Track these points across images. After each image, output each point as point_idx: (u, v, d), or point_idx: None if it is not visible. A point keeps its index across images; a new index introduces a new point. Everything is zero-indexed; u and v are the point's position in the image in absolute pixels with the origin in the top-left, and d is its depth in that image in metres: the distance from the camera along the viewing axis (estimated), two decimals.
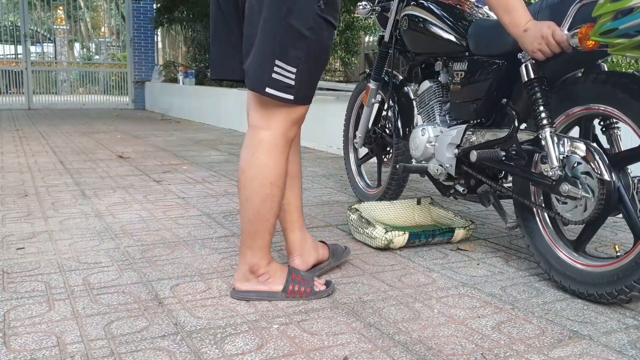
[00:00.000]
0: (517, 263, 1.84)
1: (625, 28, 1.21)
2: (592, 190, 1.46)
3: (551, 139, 1.53)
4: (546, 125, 1.54)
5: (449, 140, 1.94)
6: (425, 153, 2.06)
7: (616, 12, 1.22)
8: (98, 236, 2.05)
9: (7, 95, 10.47)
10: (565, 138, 1.54)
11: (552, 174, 1.52)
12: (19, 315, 1.35)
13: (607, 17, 1.24)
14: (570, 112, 1.57)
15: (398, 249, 1.97)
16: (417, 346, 1.24)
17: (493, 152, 1.72)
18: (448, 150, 1.94)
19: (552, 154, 1.52)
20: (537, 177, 1.60)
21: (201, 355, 1.17)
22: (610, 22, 1.24)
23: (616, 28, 1.23)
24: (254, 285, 1.48)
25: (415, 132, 2.12)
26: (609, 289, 1.42)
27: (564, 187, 1.51)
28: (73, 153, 4.33)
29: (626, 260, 1.41)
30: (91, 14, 18.67)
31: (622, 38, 1.23)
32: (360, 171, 2.78)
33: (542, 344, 1.26)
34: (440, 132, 2.03)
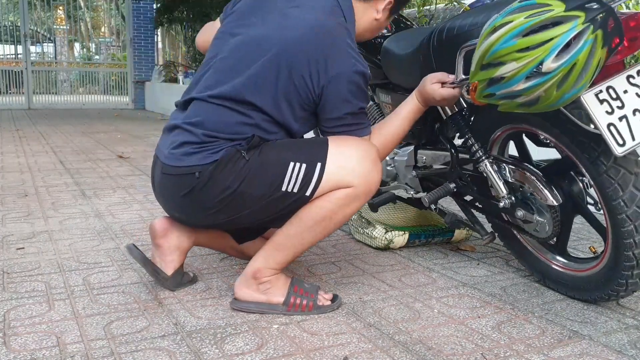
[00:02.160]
0: (517, 263, 1.84)
1: (502, 94, 1.21)
2: (544, 210, 1.46)
3: (492, 168, 1.52)
4: (482, 157, 1.54)
5: (405, 163, 1.92)
6: (390, 174, 2.05)
7: (488, 79, 1.22)
8: (98, 236, 2.05)
9: (7, 95, 10.47)
10: (504, 163, 1.53)
11: (504, 204, 1.51)
12: (19, 315, 1.35)
13: (483, 83, 1.24)
14: (499, 132, 1.57)
15: (398, 249, 1.97)
16: (417, 346, 1.24)
17: (443, 189, 1.69)
18: (407, 172, 1.92)
19: (498, 185, 1.51)
20: (494, 202, 1.58)
21: (201, 355, 1.17)
22: (486, 88, 1.24)
23: (494, 93, 1.23)
24: (253, 292, 1.41)
25: None
26: (599, 293, 1.43)
27: (518, 213, 1.52)
28: (73, 153, 4.33)
29: (602, 264, 1.41)
30: (91, 14, 18.67)
31: (504, 99, 1.23)
32: None
33: (542, 344, 1.26)
34: (394, 153, 2.00)
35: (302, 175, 1.33)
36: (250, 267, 1.42)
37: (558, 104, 1.19)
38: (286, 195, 1.34)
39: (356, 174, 1.34)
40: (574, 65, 1.11)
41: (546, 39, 1.11)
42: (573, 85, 1.13)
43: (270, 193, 1.33)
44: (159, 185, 1.43)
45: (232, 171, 1.32)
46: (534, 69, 1.13)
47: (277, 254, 1.41)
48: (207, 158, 1.33)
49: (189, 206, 1.39)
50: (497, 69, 1.18)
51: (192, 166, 1.33)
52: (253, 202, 1.34)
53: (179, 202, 1.40)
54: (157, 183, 1.44)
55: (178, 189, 1.37)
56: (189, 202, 1.37)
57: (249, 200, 1.34)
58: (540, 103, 1.18)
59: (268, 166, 1.34)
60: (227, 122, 1.35)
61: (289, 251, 1.40)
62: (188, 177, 1.34)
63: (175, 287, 1.53)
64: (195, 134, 1.35)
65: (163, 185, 1.41)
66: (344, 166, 1.34)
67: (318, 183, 1.34)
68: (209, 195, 1.34)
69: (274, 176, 1.33)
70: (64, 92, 12.06)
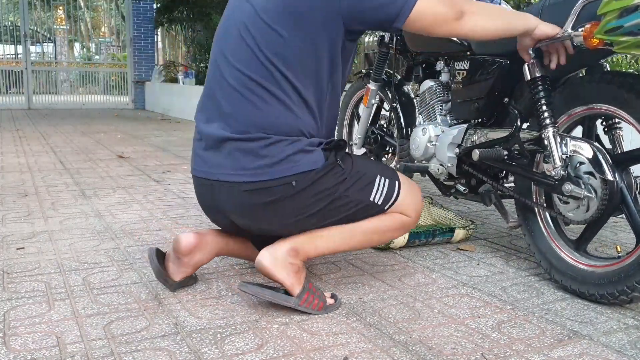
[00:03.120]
0: (517, 263, 1.84)
1: (630, 26, 1.21)
2: (594, 190, 1.46)
3: (554, 138, 1.53)
4: (549, 125, 1.54)
5: (450, 140, 1.93)
6: (426, 152, 2.06)
7: (621, 9, 1.22)
8: (98, 236, 2.05)
9: (7, 95, 10.47)
10: (568, 138, 1.53)
11: (555, 174, 1.52)
12: (19, 315, 1.35)
13: (612, 15, 1.24)
14: (573, 112, 1.57)
15: (398, 249, 1.97)
16: (417, 346, 1.24)
17: (495, 151, 1.72)
18: (449, 150, 1.94)
19: (555, 154, 1.52)
20: (539, 177, 1.60)
21: (201, 355, 1.17)
22: (616, 20, 1.24)
23: (621, 26, 1.22)
24: (281, 268, 1.36)
25: (415, 132, 2.12)
26: (610, 290, 1.42)
27: (566, 187, 1.50)
28: (73, 153, 4.33)
29: (628, 261, 1.41)
30: (91, 14, 18.66)
31: (627, 36, 1.23)
32: None
33: (542, 344, 1.26)
34: (441, 131, 2.03)
35: (387, 189, 1.45)
36: (289, 241, 1.40)
37: None
38: (372, 206, 1.44)
39: (416, 208, 1.51)
40: None
41: None
42: None
43: (362, 200, 1.42)
44: (238, 205, 1.38)
45: (330, 178, 1.38)
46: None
47: (320, 242, 1.42)
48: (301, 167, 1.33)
49: (280, 214, 1.38)
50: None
51: (286, 177, 1.32)
52: (348, 207, 1.41)
53: (269, 212, 1.37)
54: (234, 204, 1.38)
55: (269, 199, 1.34)
56: (281, 210, 1.36)
57: (344, 206, 1.41)
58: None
59: (361, 175, 1.43)
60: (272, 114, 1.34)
61: (331, 244, 1.44)
62: (283, 188, 1.33)
63: (176, 288, 1.53)
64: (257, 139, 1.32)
65: (245, 203, 1.36)
66: (412, 196, 1.50)
67: (396, 199, 1.47)
68: (307, 201, 1.36)
69: (367, 185, 1.43)
70: (64, 92, 12.07)
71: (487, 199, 1.83)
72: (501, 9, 1.51)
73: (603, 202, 1.44)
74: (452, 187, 2.06)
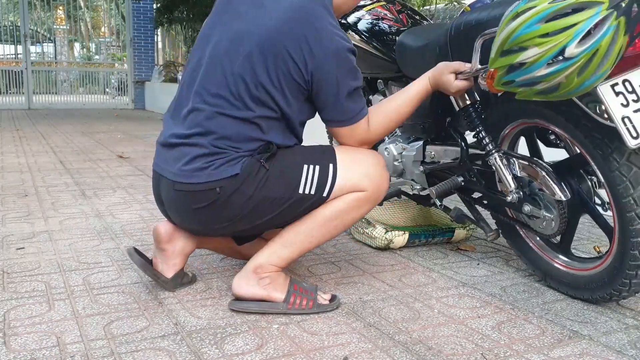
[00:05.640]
0: (517, 263, 1.84)
1: (521, 81, 1.21)
2: (552, 207, 1.46)
3: (501, 162, 1.52)
4: (492, 151, 1.53)
5: (413, 158, 1.92)
6: (396, 170, 2.06)
7: (508, 66, 1.21)
8: (98, 236, 2.05)
9: (7, 95, 10.47)
10: (514, 158, 1.52)
11: (511, 198, 1.51)
12: (19, 315, 1.35)
13: (502, 70, 1.24)
14: (511, 127, 1.57)
15: (398, 249, 1.97)
16: (417, 346, 1.23)
17: (450, 182, 1.70)
18: (415, 167, 1.92)
19: (506, 178, 1.51)
20: (500, 197, 1.58)
21: (201, 355, 1.17)
22: (506, 75, 1.23)
23: (513, 80, 1.22)
24: (252, 287, 1.40)
25: (379, 151, 2.10)
26: (601, 293, 1.42)
27: (525, 208, 1.51)
28: (73, 153, 4.33)
29: (607, 262, 1.41)
30: (91, 14, 18.66)
31: (522, 87, 1.23)
32: None
33: (542, 344, 1.26)
34: (402, 148, 2.01)
35: (317, 176, 1.39)
36: (252, 262, 1.43)
37: (577, 92, 1.18)
38: (304, 198, 1.38)
39: (369, 178, 1.41)
40: (596, 51, 1.10)
41: (570, 24, 1.10)
42: (594, 71, 1.13)
43: (289, 196, 1.38)
44: (171, 202, 1.41)
45: (254, 181, 1.35)
46: (556, 55, 1.13)
47: (282, 250, 1.42)
48: (225, 172, 1.33)
49: (208, 218, 1.39)
50: (519, 54, 1.17)
51: (211, 182, 1.33)
52: (274, 207, 1.38)
53: (197, 215, 1.39)
54: (169, 201, 1.41)
55: (196, 204, 1.36)
56: (209, 214, 1.38)
57: (270, 207, 1.38)
58: (560, 90, 1.18)
59: (285, 171, 1.38)
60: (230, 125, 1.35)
61: (294, 248, 1.42)
62: (208, 193, 1.34)
63: (175, 287, 1.53)
64: (203, 145, 1.34)
65: (176, 202, 1.39)
66: (358, 170, 1.41)
67: (333, 183, 1.39)
68: (232, 207, 1.36)
69: (291, 180, 1.38)
70: (64, 92, 12.07)
71: (462, 220, 1.79)
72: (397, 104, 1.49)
73: (564, 217, 1.45)
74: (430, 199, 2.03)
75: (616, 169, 1.29)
